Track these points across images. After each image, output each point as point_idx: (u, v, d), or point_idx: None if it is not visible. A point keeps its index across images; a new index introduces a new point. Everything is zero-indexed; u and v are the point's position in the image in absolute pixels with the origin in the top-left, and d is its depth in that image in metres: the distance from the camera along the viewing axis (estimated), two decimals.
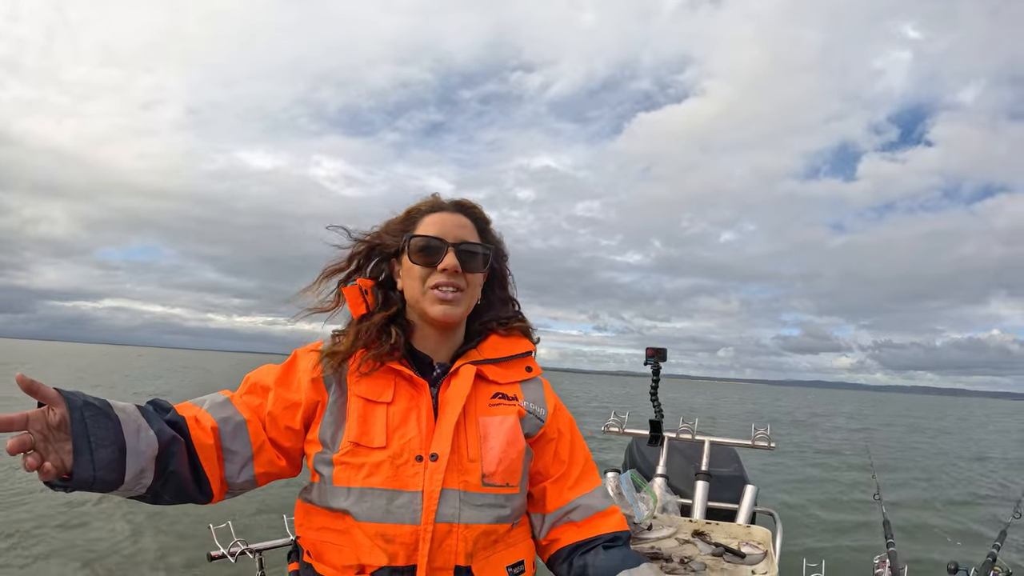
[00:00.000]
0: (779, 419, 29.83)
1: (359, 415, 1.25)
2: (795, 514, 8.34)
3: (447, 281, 1.33)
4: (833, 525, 8.09)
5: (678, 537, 2.29)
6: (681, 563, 2.01)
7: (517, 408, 1.36)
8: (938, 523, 8.62)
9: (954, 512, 9.50)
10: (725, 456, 3.55)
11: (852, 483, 11.03)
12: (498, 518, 1.25)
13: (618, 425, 3.35)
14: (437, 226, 1.36)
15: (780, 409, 43.76)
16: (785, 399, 74.83)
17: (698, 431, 3.29)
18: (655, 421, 3.26)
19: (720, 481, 3.08)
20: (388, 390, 1.29)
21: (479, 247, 1.38)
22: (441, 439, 1.24)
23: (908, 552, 6.71)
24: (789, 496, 9.75)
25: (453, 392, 1.30)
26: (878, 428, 29.76)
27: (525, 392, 1.40)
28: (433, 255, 1.33)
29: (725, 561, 2.10)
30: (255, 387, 1.32)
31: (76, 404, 1.02)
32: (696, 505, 2.85)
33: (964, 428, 34.46)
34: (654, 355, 3.22)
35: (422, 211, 1.41)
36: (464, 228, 1.39)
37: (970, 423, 41.27)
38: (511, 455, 1.29)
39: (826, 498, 9.83)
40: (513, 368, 1.42)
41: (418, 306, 1.35)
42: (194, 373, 46.46)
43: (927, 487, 11.71)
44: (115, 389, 26.64)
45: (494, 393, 1.36)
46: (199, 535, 6.06)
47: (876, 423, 34.04)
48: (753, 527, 2.43)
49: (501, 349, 1.42)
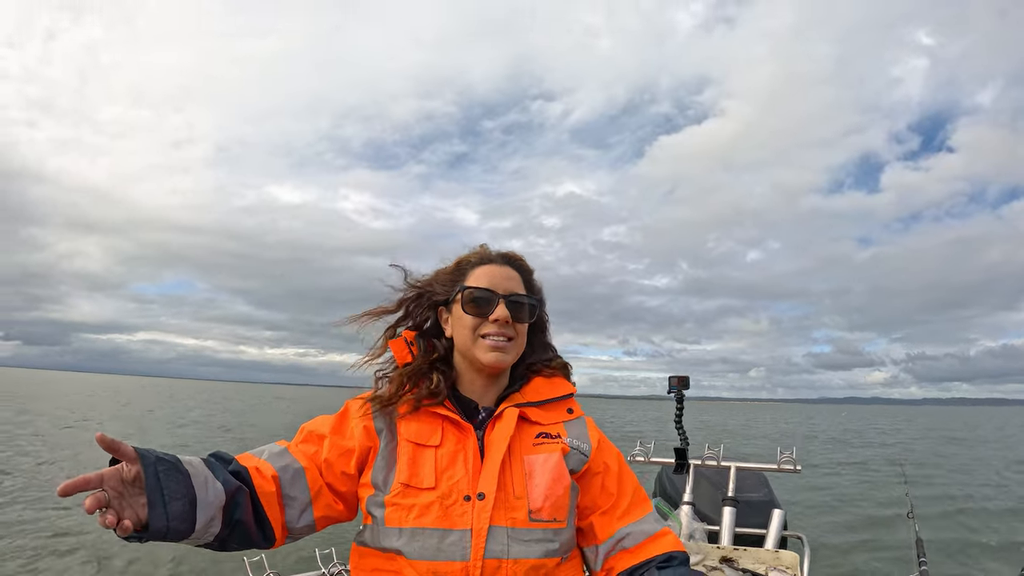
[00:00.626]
0: (811, 439, 29.24)
1: (409, 458, 1.33)
2: (825, 537, 8.18)
3: (498, 331, 1.42)
4: (864, 546, 7.92)
5: (705, 564, 2.31)
6: None
7: (561, 445, 1.42)
8: (972, 539, 8.40)
9: (988, 527, 9.25)
10: (754, 481, 3.54)
11: (885, 502, 10.78)
12: (547, 552, 1.30)
13: (644, 454, 3.37)
14: (488, 278, 1.46)
15: (813, 428, 42.90)
16: (818, 417, 73.32)
17: (724, 456, 3.29)
18: (680, 449, 3.27)
19: (748, 506, 3.08)
20: (436, 434, 1.37)
21: (527, 299, 1.48)
22: (487, 479, 1.31)
23: (941, 571, 6.58)
24: (819, 518, 9.57)
25: (497, 434, 1.38)
26: (911, 443, 29.05)
27: (568, 430, 1.46)
28: (485, 306, 1.42)
29: None
30: (311, 436, 1.40)
31: (150, 460, 1.11)
32: (723, 531, 2.86)
33: (1001, 438, 33.50)
34: (678, 383, 3.25)
35: (472, 262, 1.51)
36: (512, 280, 1.48)
37: (1006, 432, 40.16)
38: (557, 491, 1.35)
39: (857, 518, 9.62)
40: (555, 410, 1.49)
41: (469, 353, 1.44)
42: (232, 404, 46.95)
43: (961, 502, 11.40)
44: (157, 419, 26.99)
45: (538, 433, 1.43)
46: (233, 563, 6.13)
47: (909, 438, 33.22)
48: (781, 552, 2.43)
49: (543, 392, 1.49)
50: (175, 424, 25.19)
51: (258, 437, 19.08)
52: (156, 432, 20.84)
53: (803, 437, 30.77)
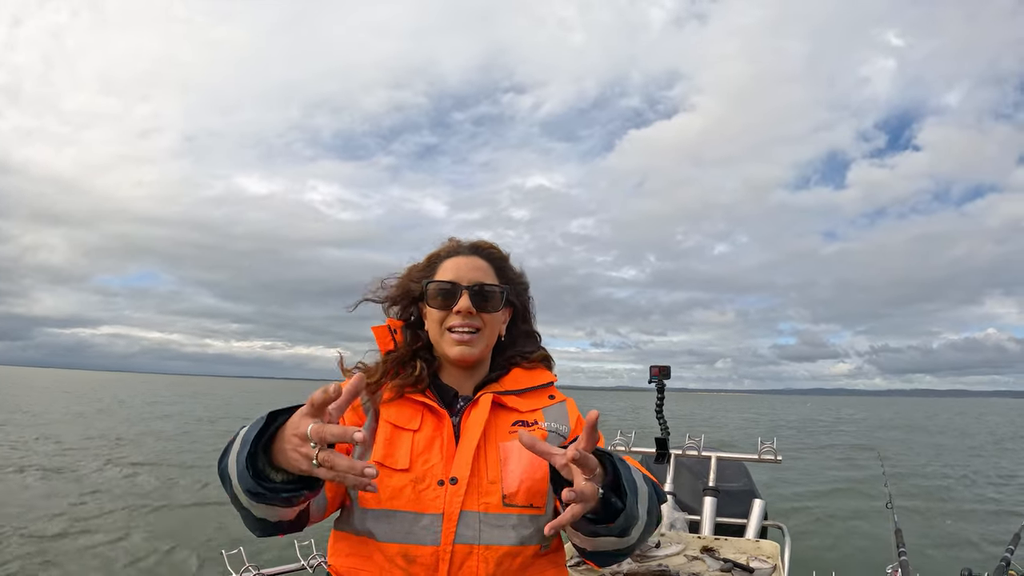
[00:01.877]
0: (782, 429, 29.64)
1: (386, 438, 1.32)
2: (805, 526, 8.27)
3: (462, 323, 1.40)
4: (844, 535, 8.03)
5: (687, 554, 2.31)
6: None
7: (540, 432, 1.40)
8: (951, 529, 8.55)
9: (967, 517, 9.43)
10: (734, 471, 3.55)
11: (863, 492, 10.93)
12: (522, 539, 1.28)
13: (624, 444, 3.36)
14: (453, 271, 1.45)
15: (782, 418, 43.55)
16: (784, 408, 74.42)
17: (704, 447, 3.30)
18: (661, 439, 3.27)
19: (729, 496, 3.09)
20: (416, 419, 1.36)
21: (495, 288, 1.46)
22: (460, 463, 1.30)
23: (920, 560, 6.67)
24: (799, 507, 9.68)
25: (472, 419, 1.36)
26: (886, 434, 29.55)
27: (547, 415, 1.45)
28: (448, 299, 1.41)
29: None
30: None
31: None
32: (704, 521, 2.86)
33: (972, 429, 34.18)
34: (659, 373, 3.24)
35: (441, 256, 1.50)
36: (479, 270, 1.46)
37: (978, 423, 40.97)
38: (535, 476, 1.32)
39: (837, 508, 9.75)
40: (535, 397, 1.47)
41: (439, 347, 1.44)
42: (207, 399, 46.62)
43: (939, 492, 11.61)
44: (130, 414, 26.69)
45: (514, 421, 1.41)
46: (213, 559, 6.08)
47: (883, 429, 33.80)
48: (762, 541, 2.44)
49: (522, 381, 1.48)
50: (161, 416, 24.98)
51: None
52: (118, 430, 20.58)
53: (778, 427, 31.21)
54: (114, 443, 15.78)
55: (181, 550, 6.59)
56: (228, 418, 25.54)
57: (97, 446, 14.98)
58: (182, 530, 7.34)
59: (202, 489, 9.80)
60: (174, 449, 14.99)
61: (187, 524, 7.68)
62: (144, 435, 18.15)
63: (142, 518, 7.94)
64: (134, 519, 7.87)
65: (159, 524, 7.64)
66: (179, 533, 7.20)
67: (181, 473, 11.41)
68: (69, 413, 25.67)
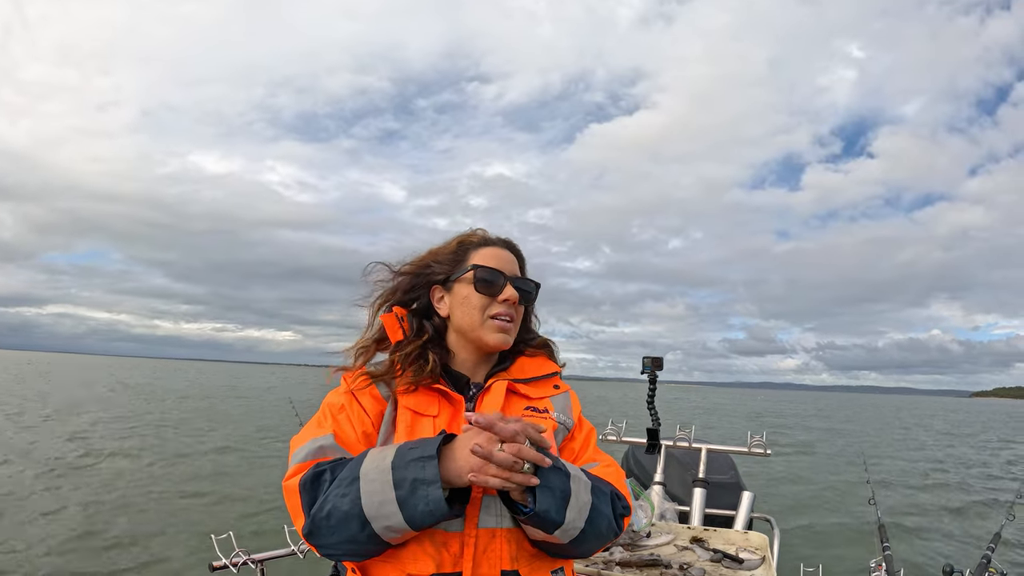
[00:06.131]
0: (755, 419, 29.96)
1: (407, 424, 1.31)
2: (792, 519, 8.36)
3: (506, 311, 1.43)
4: (830, 530, 8.12)
5: (676, 544, 2.32)
6: (680, 569, 2.04)
7: (551, 422, 1.41)
8: (933, 526, 8.65)
9: (949, 514, 9.54)
10: (722, 463, 3.57)
11: (847, 487, 11.05)
12: None
13: (616, 434, 3.37)
14: (495, 259, 1.46)
15: (743, 411, 44.04)
16: (736, 400, 75.10)
17: (695, 439, 3.31)
18: (652, 429, 3.28)
19: (717, 488, 3.10)
20: (433, 405, 1.35)
21: (531, 282, 1.51)
22: None
23: (904, 555, 6.76)
24: (786, 501, 9.79)
25: (487, 406, 1.37)
26: (866, 430, 29.88)
27: (555, 403, 1.47)
28: (493, 286, 1.43)
29: (723, 567, 2.12)
30: (341, 430, 1.34)
31: None
32: (694, 512, 2.88)
33: (937, 427, 34.67)
34: (651, 364, 3.24)
35: (474, 243, 1.50)
36: (513, 263, 1.50)
37: (952, 422, 41.58)
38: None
39: (822, 503, 9.87)
40: (542, 386, 1.49)
41: (474, 333, 1.43)
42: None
43: (922, 489, 11.76)
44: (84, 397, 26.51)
45: (526, 406, 1.42)
46: (201, 546, 6.08)
47: (859, 424, 34.22)
48: (751, 533, 2.46)
49: (528, 370, 1.50)
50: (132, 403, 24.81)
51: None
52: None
53: (751, 419, 31.53)
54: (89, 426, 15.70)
55: (168, 536, 6.56)
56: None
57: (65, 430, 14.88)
58: (168, 517, 7.32)
59: (191, 480, 9.77)
60: (152, 435, 14.93)
61: (175, 511, 7.64)
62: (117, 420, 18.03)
63: (129, 503, 7.91)
64: (121, 504, 7.84)
65: (146, 511, 7.61)
66: (165, 519, 7.18)
67: (165, 461, 11.37)
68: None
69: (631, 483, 2.43)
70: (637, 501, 2.40)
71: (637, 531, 2.30)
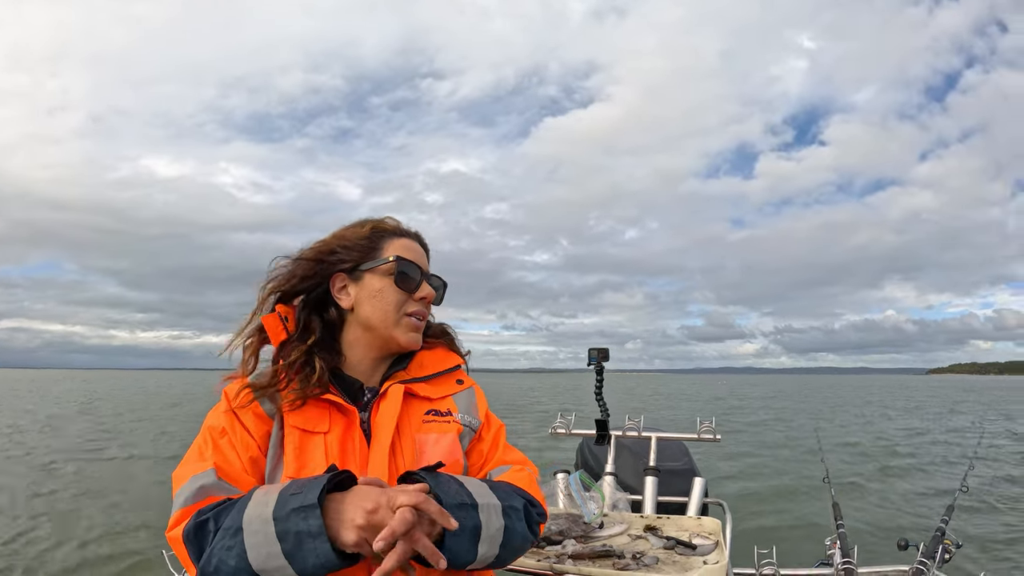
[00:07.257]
0: (707, 407, 30.65)
1: (296, 447, 1.18)
2: (745, 502, 8.48)
3: (421, 310, 1.34)
4: (784, 510, 8.26)
5: (630, 533, 2.28)
6: (634, 559, 2.00)
7: (455, 425, 1.31)
8: (886, 501, 8.91)
9: (903, 489, 9.86)
10: (675, 450, 3.57)
11: (800, 467, 11.30)
12: None
13: (564, 427, 3.33)
14: (411, 252, 1.35)
15: (700, 396, 44.98)
16: (696, 386, 76.73)
17: (644, 428, 3.29)
18: (601, 420, 3.25)
19: (670, 475, 3.09)
20: (324, 420, 1.22)
21: (442, 280, 1.42)
22: (377, 464, 1.19)
23: (858, 532, 6.90)
24: (738, 484, 9.93)
25: (383, 414, 1.25)
26: (822, 409, 30.74)
27: (458, 403, 1.36)
28: (412, 283, 1.32)
29: (677, 554, 2.09)
30: (223, 459, 1.19)
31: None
32: (646, 500, 2.85)
33: (894, 404, 35.91)
34: (597, 355, 3.21)
35: (388, 232, 1.36)
36: (424, 258, 1.39)
37: (907, 399, 43.08)
38: (454, 464, 1.26)
39: (775, 484, 10.05)
40: (443, 383, 1.38)
41: (386, 331, 1.31)
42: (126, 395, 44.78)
43: (876, 466, 12.09)
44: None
45: (427, 410, 1.31)
46: (153, 560, 5.85)
47: (815, 404, 35.21)
48: (704, 518, 2.43)
49: (428, 366, 1.38)
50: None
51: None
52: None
53: (706, 405, 32.22)
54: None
55: (126, 544, 6.26)
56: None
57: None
58: (119, 526, 6.98)
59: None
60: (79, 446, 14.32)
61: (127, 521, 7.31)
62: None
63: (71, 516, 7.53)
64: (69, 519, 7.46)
65: (89, 523, 7.25)
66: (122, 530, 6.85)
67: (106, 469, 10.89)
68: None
69: (581, 475, 2.39)
70: (588, 493, 2.36)
71: (589, 523, 2.25)
